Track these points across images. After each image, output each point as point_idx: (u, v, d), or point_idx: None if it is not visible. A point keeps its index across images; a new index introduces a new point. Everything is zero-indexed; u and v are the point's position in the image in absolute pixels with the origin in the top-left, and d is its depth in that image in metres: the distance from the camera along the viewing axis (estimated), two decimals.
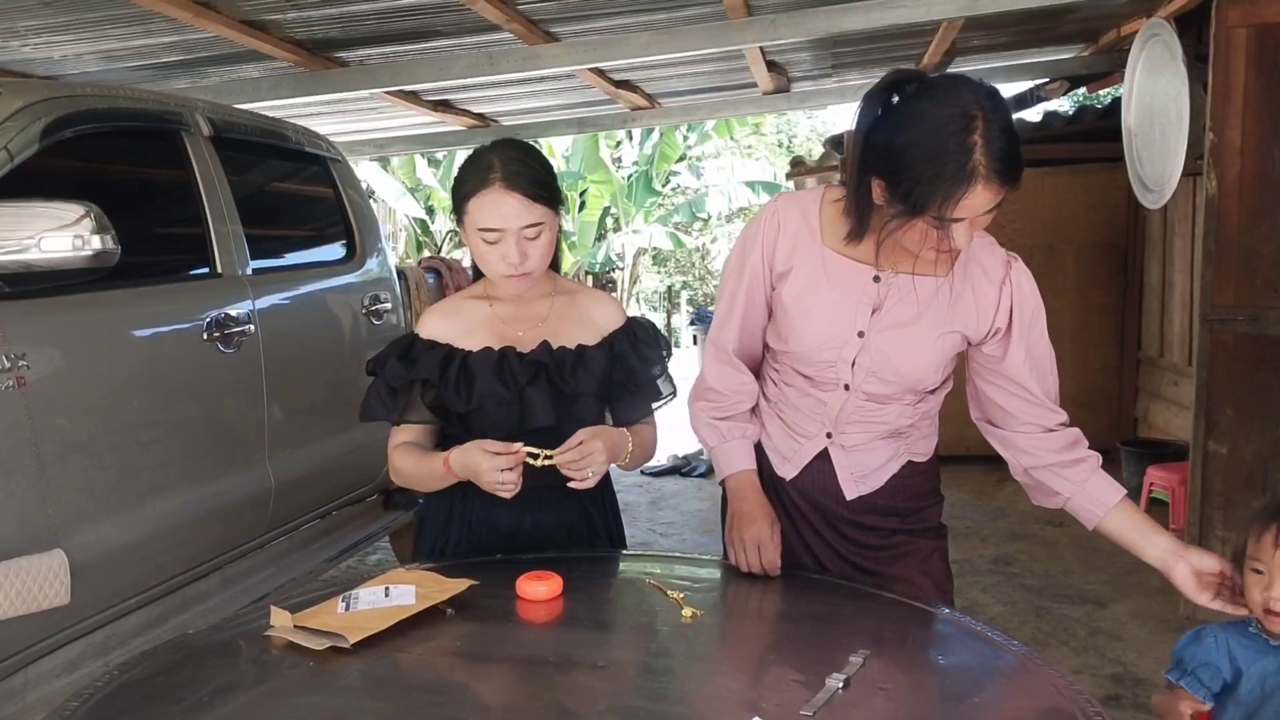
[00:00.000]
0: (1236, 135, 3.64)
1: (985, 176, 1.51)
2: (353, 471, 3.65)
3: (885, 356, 1.77)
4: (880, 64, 6.29)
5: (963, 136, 1.50)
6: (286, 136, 3.70)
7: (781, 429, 1.92)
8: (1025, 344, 1.79)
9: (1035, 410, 1.81)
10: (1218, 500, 3.75)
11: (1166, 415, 5.90)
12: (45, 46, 4.52)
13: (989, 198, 1.54)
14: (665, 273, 21.74)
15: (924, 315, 1.76)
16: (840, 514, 1.90)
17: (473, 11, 4.22)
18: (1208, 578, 1.67)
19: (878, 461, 1.88)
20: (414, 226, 14.87)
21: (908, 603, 1.69)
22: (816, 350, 1.81)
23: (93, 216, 2.27)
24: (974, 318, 1.78)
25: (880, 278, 1.76)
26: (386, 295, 4.02)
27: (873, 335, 1.77)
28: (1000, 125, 1.52)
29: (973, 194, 1.52)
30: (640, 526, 5.50)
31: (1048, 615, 3.98)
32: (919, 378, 1.80)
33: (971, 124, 1.50)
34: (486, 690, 1.39)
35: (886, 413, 1.84)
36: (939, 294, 1.76)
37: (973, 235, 1.61)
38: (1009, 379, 1.80)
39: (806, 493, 1.91)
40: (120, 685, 1.42)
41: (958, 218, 1.55)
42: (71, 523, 2.43)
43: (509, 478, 1.73)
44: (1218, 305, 3.72)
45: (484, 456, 1.74)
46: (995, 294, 1.77)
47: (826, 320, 1.79)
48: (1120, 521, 1.77)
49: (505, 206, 1.81)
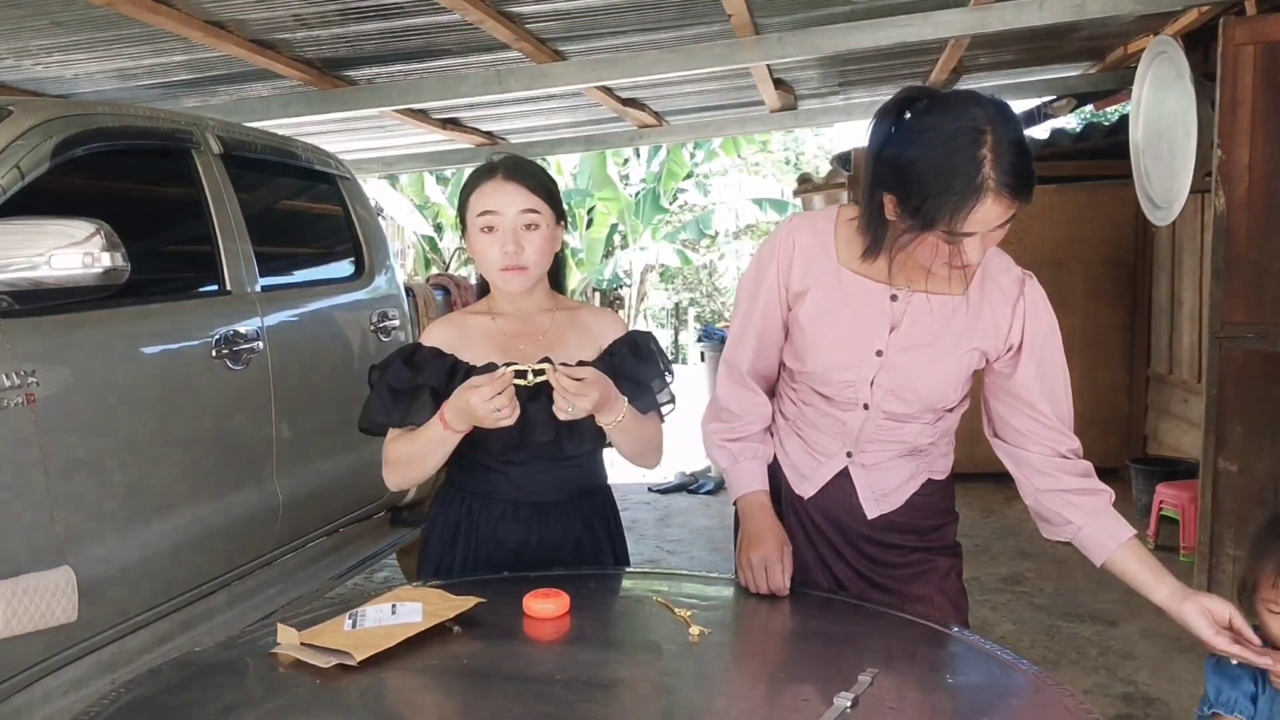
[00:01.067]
0: (1245, 152, 3.64)
1: (995, 190, 1.51)
2: (360, 488, 3.65)
3: (904, 375, 1.76)
4: (887, 82, 6.31)
5: (972, 150, 1.50)
6: (296, 154, 3.71)
7: (800, 447, 1.91)
8: (1036, 363, 1.78)
9: (1047, 432, 1.80)
10: (1228, 518, 3.73)
11: (1176, 433, 5.88)
12: (57, 65, 4.56)
13: (999, 211, 1.54)
14: (673, 290, 21.76)
15: (942, 334, 1.76)
16: (860, 531, 1.89)
17: (481, 30, 4.24)
18: (1219, 623, 1.64)
19: (898, 480, 1.87)
20: (422, 244, 14.92)
21: (917, 621, 1.68)
22: (835, 370, 1.80)
23: (103, 234, 2.28)
24: (992, 335, 1.77)
25: (898, 296, 1.76)
26: (395, 312, 4.03)
27: (891, 354, 1.76)
28: (1010, 139, 1.52)
29: (982, 207, 1.51)
30: (648, 544, 5.49)
31: (1058, 634, 3.96)
32: (939, 396, 1.79)
33: (981, 138, 1.50)
34: (493, 708, 1.38)
35: (906, 431, 1.83)
36: (956, 312, 1.76)
37: (985, 250, 1.61)
38: (1018, 398, 1.80)
39: (826, 511, 1.90)
40: (127, 703, 1.41)
41: (968, 232, 1.54)
42: (79, 539, 2.42)
43: (501, 402, 1.73)
44: (1227, 322, 3.71)
45: (472, 392, 1.74)
46: (1009, 311, 1.77)
47: (844, 340, 1.79)
48: (1132, 558, 1.76)
49: (504, 193, 1.88)
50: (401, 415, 1.91)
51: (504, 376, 1.74)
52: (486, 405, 1.73)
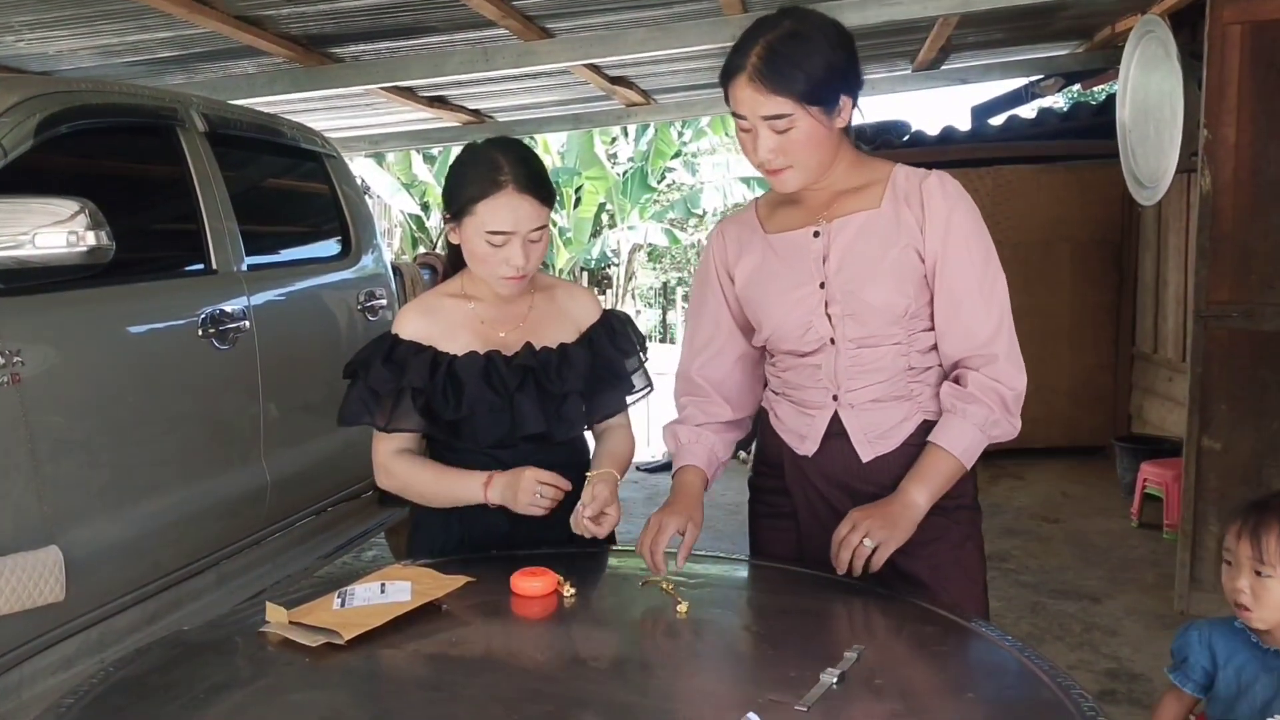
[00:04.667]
0: (1231, 132, 3.64)
1: (736, 75, 1.68)
2: (348, 468, 3.64)
3: (851, 294, 1.78)
4: (875, 60, 6.29)
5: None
6: (282, 132, 3.69)
7: (792, 410, 1.91)
8: (941, 259, 1.76)
9: (955, 341, 1.79)
10: (1212, 496, 3.76)
11: (1161, 411, 5.91)
12: (40, 42, 4.51)
13: (750, 93, 1.67)
14: (661, 269, 21.74)
15: (870, 244, 1.78)
16: (864, 490, 1.84)
17: (468, 7, 4.21)
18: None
19: (890, 422, 1.84)
20: (409, 222, 14.86)
21: (903, 598, 1.69)
22: (789, 320, 1.83)
23: (88, 213, 2.26)
24: (915, 232, 1.78)
25: (819, 231, 1.81)
26: (382, 291, 4.02)
27: (832, 281, 1.80)
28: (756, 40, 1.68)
29: (733, 93, 1.70)
30: (635, 523, 5.48)
31: (1043, 611, 3.99)
32: (889, 301, 1.78)
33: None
34: (481, 686, 1.39)
35: (881, 358, 1.81)
36: (877, 221, 1.79)
37: (770, 145, 1.70)
38: (936, 297, 1.79)
39: (828, 471, 1.87)
40: (115, 682, 1.41)
41: (739, 114, 1.71)
42: (66, 519, 2.42)
43: (545, 504, 1.82)
44: (1212, 301, 3.73)
45: (529, 495, 1.82)
46: (918, 207, 1.78)
47: (786, 290, 1.83)
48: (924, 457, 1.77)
49: (520, 210, 1.83)
50: (386, 420, 1.91)
51: (559, 490, 1.84)
52: (531, 500, 1.81)
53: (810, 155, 1.73)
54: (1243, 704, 1.72)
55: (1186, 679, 1.80)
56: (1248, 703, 1.71)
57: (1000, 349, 1.77)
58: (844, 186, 1.81)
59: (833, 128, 1.73)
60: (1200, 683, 1.79)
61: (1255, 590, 1.68)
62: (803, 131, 1.69)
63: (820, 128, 1.70)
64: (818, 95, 1.67)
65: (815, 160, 1.74)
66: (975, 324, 1.77)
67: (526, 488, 1.81)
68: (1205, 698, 1.81)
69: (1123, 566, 4.47)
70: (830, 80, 1.69)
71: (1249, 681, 1.72)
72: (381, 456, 1.96)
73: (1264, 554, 1.67)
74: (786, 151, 1.71)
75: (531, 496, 1.80)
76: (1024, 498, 5.70)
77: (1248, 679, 1.72)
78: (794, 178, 1.75)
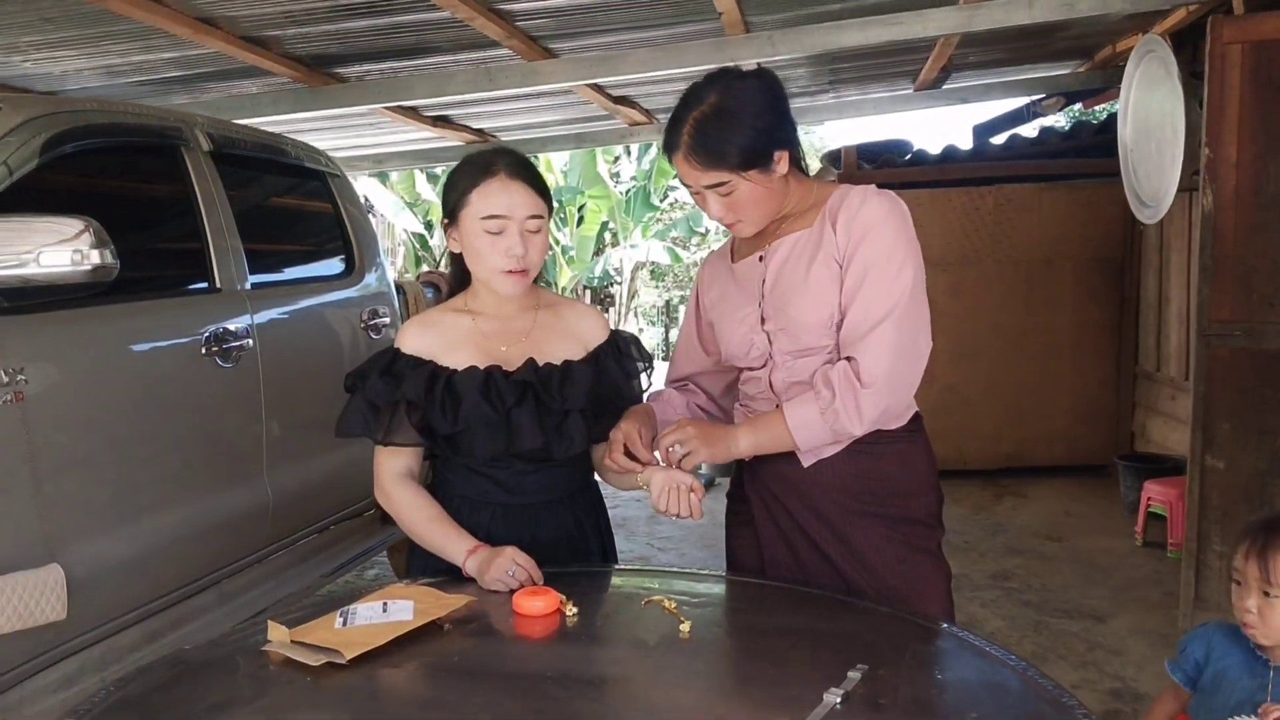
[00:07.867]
0: (1232, 151, 3.65)
1: (674, 152, 1.84)
2: (351, 486, 3.64)
3: (780, 310, 1.88)
4: (877, 80, 6.32)
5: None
6: (285, 152, 3.70)
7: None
8: (849, 256, 1.81)
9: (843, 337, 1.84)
10: (1215, 515, 3.75)
11: (1164, 430, 5.90)
12: (46, 62, 4.54)
13: (687, 169, 1.82)
14: (663, 287, 21.75)
15: (799, 262, 1.87)
16: (812, 492, 1.89)
17: (471, 28, 4.24)
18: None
19: None
20: (413, 241, 14.88)
21: (907, 618, 1.69)
22: (736, 338, 1.95)
23: (92, 231, 2.27)
24: (834, 244, 1.83)
25: (764, 255, 1.93)
26: (385, 310, 4.02)
27: (767, 299, 1.91)
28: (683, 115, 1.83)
29: (675, 166, 1.85)
30: (639, 541, 5.49)
31: (1046, 630, 3.98)
32: (813, 314, 1.84)
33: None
34: (483, 706, 1.38)
35: (814, 367, 1.86)
36: (806, 240, 1.88)
37: (718, 206, 1.84)
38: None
39: (777, 476, 1.92)
40: (116, 701, 1.41)
41: (688, 185, 1.86)
42: (68, 537, 2.42)
43: (522, 576, 1.76)
44: (1214, 320, 3.73)
45: (503, 574, 1.76)
46: (839, 220, 1.84)
47: (736, 310, 1.96)
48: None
49: (512, 194, 1.86)
50: (384, 433, 1.92)
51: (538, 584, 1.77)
52: (498, 577, 1.76)
53: (756, 209, 1.85)
54: (1217, 699, 1.76)
55: (1177, 668, 1.88)
56: (1222, 699, 1.76)
57: (875, 344, 1.77)
58: (792, 212, 1.92)
59: (772, 181, 1.83)
60: (1190, 674, 1.86)
61: (1262, 610, 1.72)
62: (744, 193, 1.82)
63: (759, 186, 1.81)
64: (750, 161, 1.78)
65: (761, 212, 1.87)
66: (860, 315, 1.80)
67: (501, 564, 1.76)
68: (1193, 691, 1.87)
69: (1126, 585, 4.45)
70: (758, 145, 1.79)
71: (1232, 681, 1.78)
72: (383, 478, 1.95)
73: (1271, 575, 1.70)
74: (734, 209, 1.85)
75: (502, 573, 1.75)
76: (1026, 516, 5.69)
77: (1231, 679, 1.78)
78: (747, 228, 1.89)
